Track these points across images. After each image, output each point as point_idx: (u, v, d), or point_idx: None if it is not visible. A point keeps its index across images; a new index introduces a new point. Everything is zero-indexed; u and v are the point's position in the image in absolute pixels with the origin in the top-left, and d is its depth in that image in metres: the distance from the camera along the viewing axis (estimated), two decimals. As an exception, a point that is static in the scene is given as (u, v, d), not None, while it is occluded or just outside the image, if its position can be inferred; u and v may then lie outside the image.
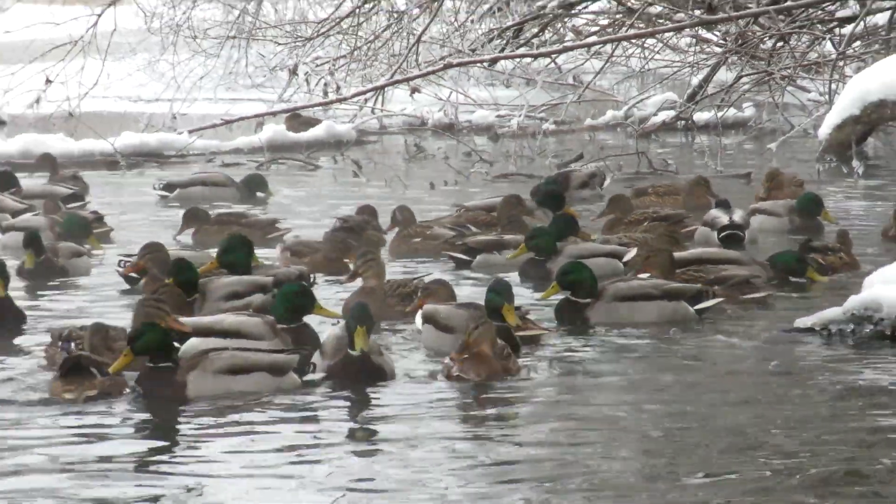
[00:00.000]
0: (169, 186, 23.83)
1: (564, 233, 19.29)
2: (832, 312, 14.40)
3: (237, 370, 14.83)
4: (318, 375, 15.08)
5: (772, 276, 16.40)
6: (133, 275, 19.85)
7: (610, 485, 10.80)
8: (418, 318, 16.61)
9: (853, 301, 14.26)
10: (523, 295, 17.71)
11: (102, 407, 14.03)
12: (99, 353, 15.37)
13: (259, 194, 23.74)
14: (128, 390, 14.81)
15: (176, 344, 15.76)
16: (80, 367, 14.69)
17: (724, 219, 20.16)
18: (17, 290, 17.90)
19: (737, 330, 15.23)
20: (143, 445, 12.84)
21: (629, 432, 12.47)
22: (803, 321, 14.41)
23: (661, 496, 10.19)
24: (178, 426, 13.42)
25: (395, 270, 19.62)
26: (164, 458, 11.96)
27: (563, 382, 15.38)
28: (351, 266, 19.14)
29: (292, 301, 16.48)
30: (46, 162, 26.35)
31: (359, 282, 18.36)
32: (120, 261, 20.77)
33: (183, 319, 16.75)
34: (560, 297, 16.80)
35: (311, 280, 18.84)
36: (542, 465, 11.29)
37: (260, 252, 19.65)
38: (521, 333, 16.12)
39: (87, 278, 19.72)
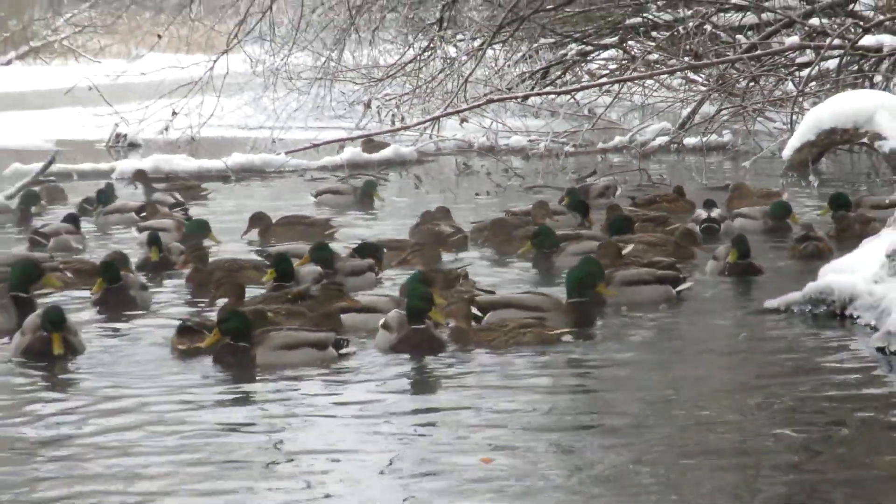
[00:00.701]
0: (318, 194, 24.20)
1: (622, 231, 19.37)
2: (794, 296, 14.67)
3: (290, 346, 14.87)
4: (351, 349, 14.93)
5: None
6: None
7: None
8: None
9: (810, 287, 14.55)
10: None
11: (194, 380, 13.71)
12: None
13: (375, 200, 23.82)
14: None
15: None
16: (190, 329, 15.13)
17: (703, 215, 20.69)
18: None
19: (714, 309, 15.37)
20: (232, 408, 12.76)
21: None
22: (770, 303, 14.70)
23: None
24: (256, 392, 13.45)
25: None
26: (249, 416, 12.00)
27: (587, 353, 14.39)
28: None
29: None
30: (140, 177, 27.20)
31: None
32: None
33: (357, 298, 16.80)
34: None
35: (377, 273, 18.72)
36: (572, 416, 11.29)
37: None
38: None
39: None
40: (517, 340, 15.11)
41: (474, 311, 15.95)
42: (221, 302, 16.85)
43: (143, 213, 22.86)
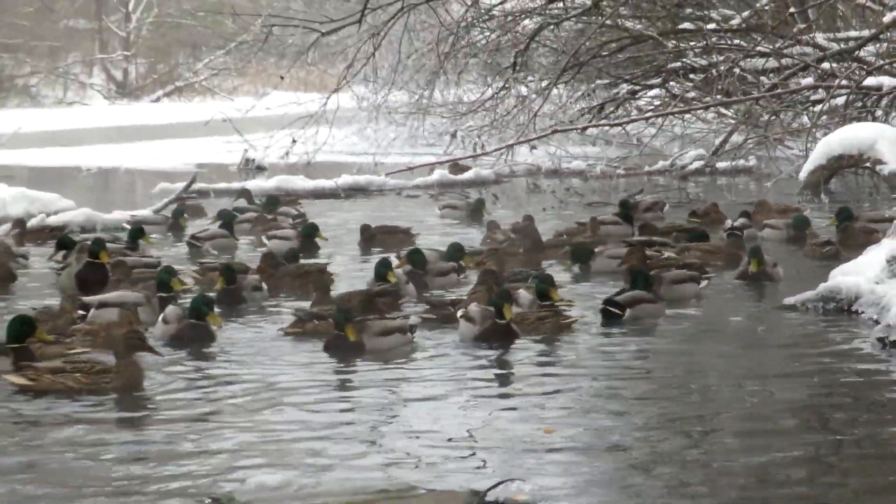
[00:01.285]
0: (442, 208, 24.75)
1: (695, 238, 19.33)
2: (808, 294, 14.60)
3: (386, 332, 14.38)
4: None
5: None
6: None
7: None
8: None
9: (822, 287, 14.49)
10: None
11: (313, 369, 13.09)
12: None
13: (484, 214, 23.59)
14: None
15: None
16: (301, 319, 14.89)
17: (729, 223, 20.48)
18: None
19: (741, 305, 15.36)
20: (345, 391, 12.40)
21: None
22: (788, 300, 14.64)
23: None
24: (364, 373, 12.98)
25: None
26: (357, 395, 11.76)
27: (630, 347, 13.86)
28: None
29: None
30: (245, 195, 26.87)
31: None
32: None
33: None
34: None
35: (459, 273, 18.40)
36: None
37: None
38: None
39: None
40: (537, 329, 14.78)
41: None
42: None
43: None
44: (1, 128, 55.29)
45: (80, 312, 15.06)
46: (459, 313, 14.85)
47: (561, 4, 26.55)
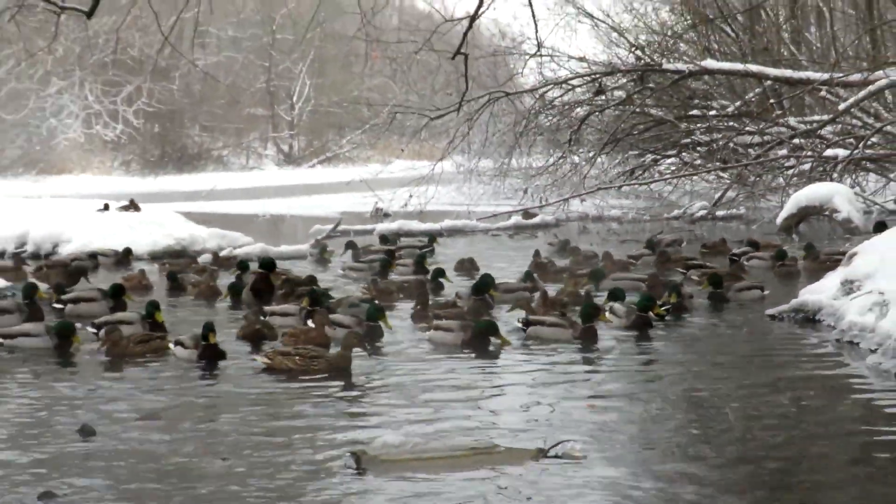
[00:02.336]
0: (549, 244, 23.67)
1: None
2: (784, 307, 14.45)
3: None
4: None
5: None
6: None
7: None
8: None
9: (794, 302, 14.35)
10: None
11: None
12: None
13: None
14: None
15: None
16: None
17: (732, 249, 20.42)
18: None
19: (736, 314, 15.10)
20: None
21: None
22: (770, 311, 14.51)
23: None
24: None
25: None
26: (463, 381, 11.51)
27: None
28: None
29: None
30: (379, 237, 26.61)
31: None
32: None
33: None
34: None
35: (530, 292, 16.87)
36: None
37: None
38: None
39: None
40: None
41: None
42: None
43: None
44: (201, 186, 55.70)
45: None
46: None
47: (603, 97, 26.42)
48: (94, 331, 13.31)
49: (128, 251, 23.23)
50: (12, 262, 21.50)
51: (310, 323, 14.12)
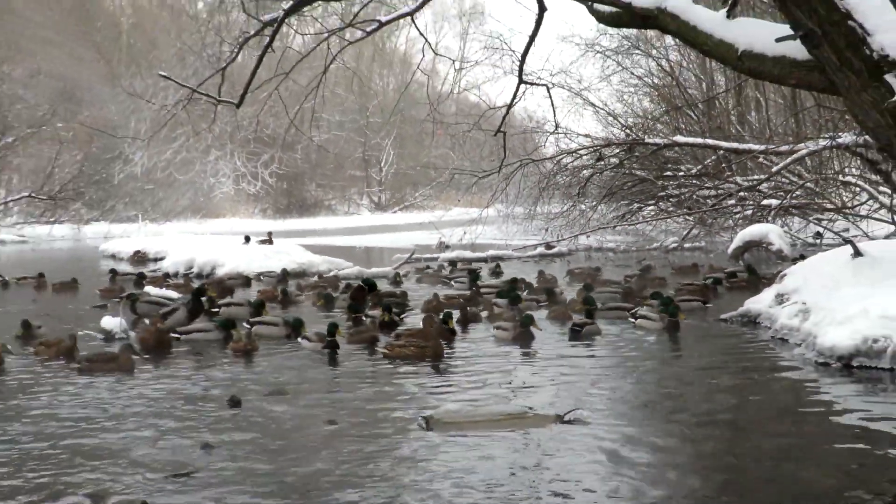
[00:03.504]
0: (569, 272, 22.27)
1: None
2: (732, 313, 14.22)
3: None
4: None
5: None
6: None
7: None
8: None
9: (740, 309, 14.10)
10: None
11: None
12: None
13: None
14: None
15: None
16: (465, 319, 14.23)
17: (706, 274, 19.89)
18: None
19: (695, 319, 14.55)
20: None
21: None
22: (722, 315, 14.29)
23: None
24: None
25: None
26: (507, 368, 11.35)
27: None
28: None
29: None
30: (448, 261, 26.52)
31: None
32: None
33: None
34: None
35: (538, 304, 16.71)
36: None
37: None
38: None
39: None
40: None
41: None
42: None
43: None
44: (315, 226, 55.82)
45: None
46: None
47: (602, 163, 26.42)
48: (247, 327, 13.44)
49: (285, 272, 23.49)
50: (183, 280, 21.81)
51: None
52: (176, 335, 12.98)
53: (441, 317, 13.35)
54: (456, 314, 14.19)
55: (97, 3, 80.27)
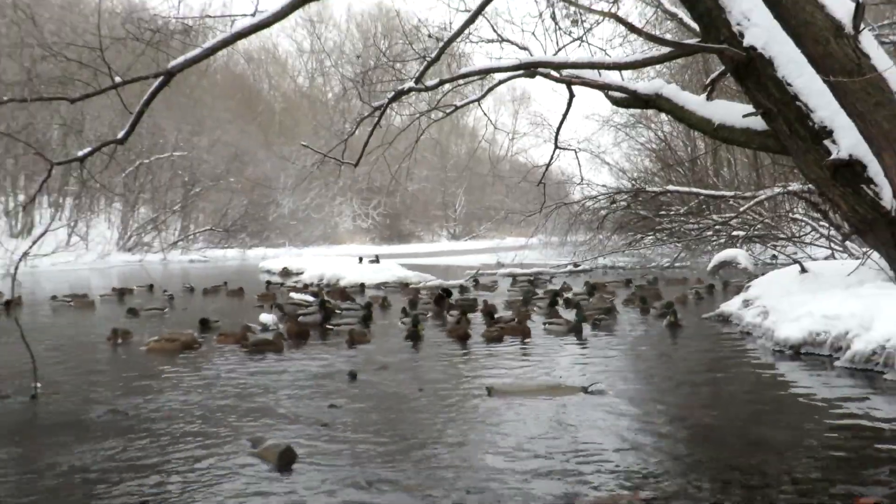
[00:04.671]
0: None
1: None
2: (711, 313, 14.02)
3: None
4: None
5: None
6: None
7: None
8: None
9: (716, 311, 13.91)
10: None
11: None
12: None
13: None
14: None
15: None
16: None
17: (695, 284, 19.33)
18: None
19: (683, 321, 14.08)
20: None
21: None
22: (704, 315, 14.08)
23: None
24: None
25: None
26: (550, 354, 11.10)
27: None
28: None
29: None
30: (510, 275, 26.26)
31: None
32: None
33: None
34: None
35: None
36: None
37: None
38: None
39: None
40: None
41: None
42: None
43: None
44: (410, 251, 56.02)
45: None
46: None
47: (615, 205, 25.99)
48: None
49: (406, 283, 23.42)
50: (317, 289, 21.96)
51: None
52: (329, 327, 13.17)
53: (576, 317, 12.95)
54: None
55: (258, 95, 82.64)
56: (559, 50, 14.99)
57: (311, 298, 17.51)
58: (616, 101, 11.93)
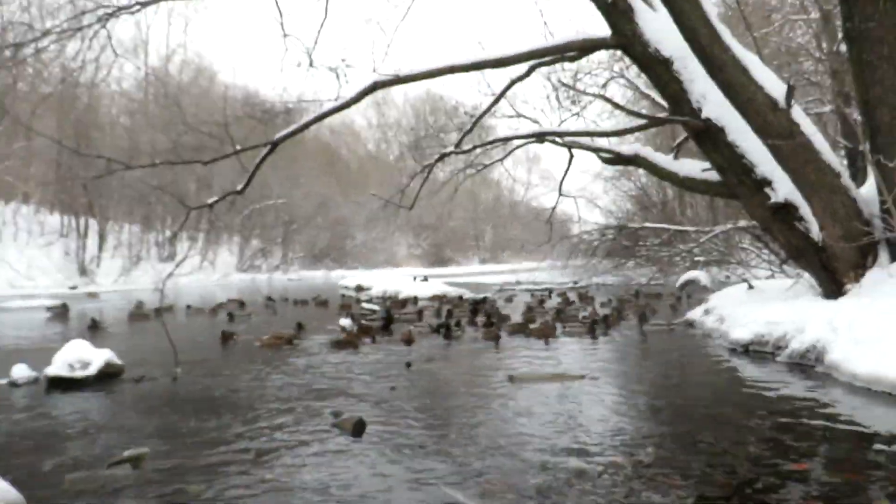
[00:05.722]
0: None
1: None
2: (679, 319, 13.71)
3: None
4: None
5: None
6: None
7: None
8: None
9: (683, 318, 13.64)
10: None
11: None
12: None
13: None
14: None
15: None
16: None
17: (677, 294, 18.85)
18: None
19: (654, 328, 13.53)
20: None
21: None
22: (673, 322, 13.73)
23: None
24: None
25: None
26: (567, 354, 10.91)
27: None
28: None
29: None
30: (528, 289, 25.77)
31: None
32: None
33: None
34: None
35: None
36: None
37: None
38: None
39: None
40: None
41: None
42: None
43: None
44: (447, 272, 55.78)
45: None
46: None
47: (604, 237, 25.65)
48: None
49: (460, 296, 22.95)
50: (381, 300, 21.93)
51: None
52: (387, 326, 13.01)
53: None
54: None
55: (339, 157, 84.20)
56: (562, 122, 15.12)
57: (376, 308, 17.52)
58: (605, 160, 11.93)
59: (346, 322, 13.44)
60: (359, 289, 30.52)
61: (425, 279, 28.59)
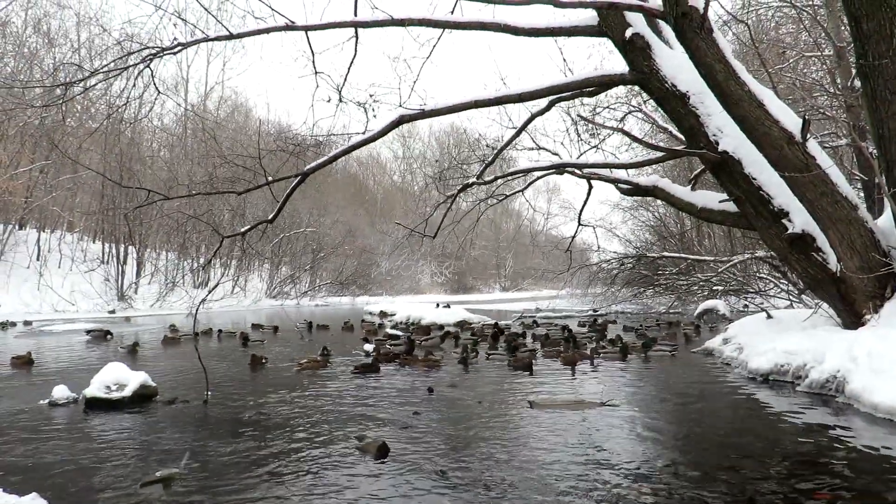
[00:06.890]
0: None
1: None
2: (698, 348, 13.49)
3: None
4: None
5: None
6: None
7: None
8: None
9: (703, 346, 13.37)
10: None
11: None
12: None
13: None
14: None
15: None
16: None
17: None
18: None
19: (677, 353, 13.45)
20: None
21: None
22: (693, 350, 13.52)
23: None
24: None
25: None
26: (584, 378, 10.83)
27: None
28: None
29: None
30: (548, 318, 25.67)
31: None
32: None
33: None
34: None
35: None
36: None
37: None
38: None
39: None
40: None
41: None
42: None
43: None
44: (470, 299, 55.52)
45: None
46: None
47: (623, 266, 25.39)
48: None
49: (469, 323, 22.79)
50: (404, 327, 21.85)
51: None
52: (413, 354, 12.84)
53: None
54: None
55: (365, 188, 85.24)
56: (581, 154, 15.09)
57: (400, 333, 17.50)
58: (623, 191, 11.86)
59: (369, 347, 13.42)
60: (383, 315, 30.39)
61: (448, 306, 28.49)
